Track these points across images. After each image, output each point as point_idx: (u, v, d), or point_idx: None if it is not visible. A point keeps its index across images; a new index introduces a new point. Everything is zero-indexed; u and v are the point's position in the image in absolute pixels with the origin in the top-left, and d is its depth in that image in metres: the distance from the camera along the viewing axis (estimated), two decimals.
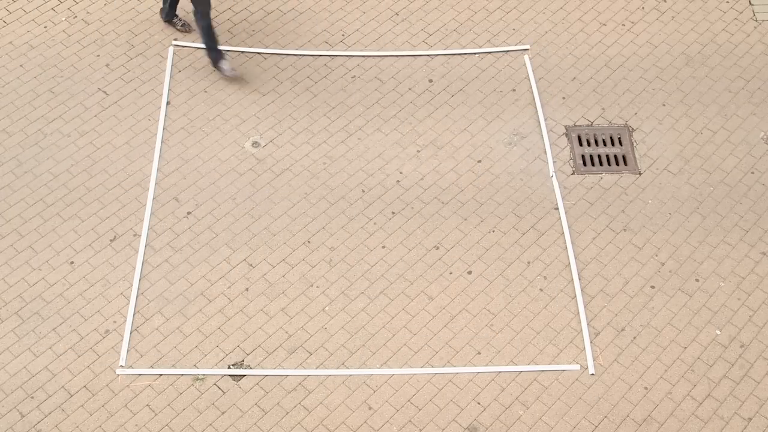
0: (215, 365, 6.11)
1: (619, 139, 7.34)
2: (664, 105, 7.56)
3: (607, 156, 7.24)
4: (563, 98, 7.56)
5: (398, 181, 7.07)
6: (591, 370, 6.09)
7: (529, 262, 6.63)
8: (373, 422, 5.88)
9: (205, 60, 7.78)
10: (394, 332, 6.28)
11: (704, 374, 6.09)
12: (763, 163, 7.20)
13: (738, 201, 6.96)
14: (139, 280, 6.49)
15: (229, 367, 6.10)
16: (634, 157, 7.21)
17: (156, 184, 6.99)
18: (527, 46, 7.93)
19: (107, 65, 7.75)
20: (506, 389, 6.02)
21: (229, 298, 6.42)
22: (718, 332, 6.29)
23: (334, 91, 7.60)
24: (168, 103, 7.51)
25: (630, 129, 7.40)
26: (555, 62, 7.84)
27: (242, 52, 7.86)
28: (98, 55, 7.81)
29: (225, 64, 7.51)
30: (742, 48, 7.95)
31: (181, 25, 7.98)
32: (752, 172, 7.14)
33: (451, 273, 6.57)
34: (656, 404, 5.96)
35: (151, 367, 6.09)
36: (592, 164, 7.20)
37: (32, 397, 5.94)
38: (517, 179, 7.09)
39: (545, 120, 7.40)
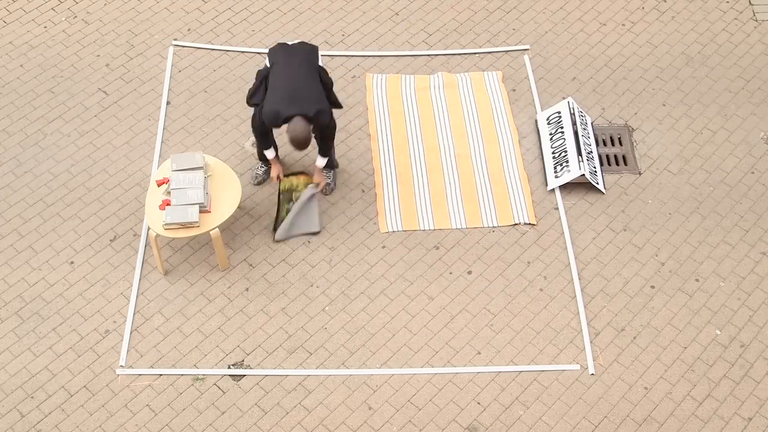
0: (215, 365, 6.11)
1: (619, 139, 7.34)
2: (664, 105, 7.56)
3: (607, 156, 7.24)
4: (563, 98, 7.56)
5: None
6: (591, 370, 6.09)
7: (529, 262, 6.62)
8: (373, 422, 5.88)
9: (206, 60, 7.78)
10: (394, 332, 6.28)
11: (704, 374, 6.09)
12: (763, 163, 7.19)
13: (738, 201, 6.96)
14: (139, 280, 6.49)
15: (229, 367, 6.09)
16: (634, 157, 7.21)
17: None
18: (527, 46, 7.93)
19: (107, 65, 7.74)
20: (506, 389, 6.02)
21: (229, 298, 6.42)
22: (718, 332, 6.28)
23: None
24: (168, 103, 7.51)
25: (630, 129, 7.39)
26: (555, 62, 7.83)
27: (242, 52, 7.86)
28: (98, 55, 7.81)
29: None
30: (742, 48, 7.95)
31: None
32: (752, 172, 7.14)
33: (451, 273, 6.57)
34: (656, 404, 5.96)
35: (151, 367, 6.09)
36: None
37: (32, 397, 5.94)
38: None
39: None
